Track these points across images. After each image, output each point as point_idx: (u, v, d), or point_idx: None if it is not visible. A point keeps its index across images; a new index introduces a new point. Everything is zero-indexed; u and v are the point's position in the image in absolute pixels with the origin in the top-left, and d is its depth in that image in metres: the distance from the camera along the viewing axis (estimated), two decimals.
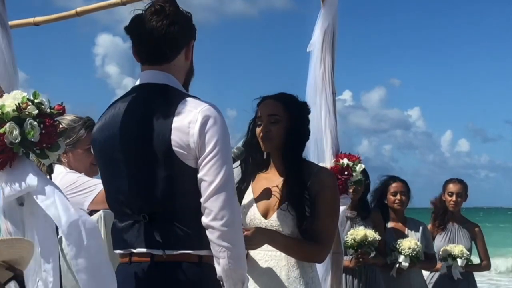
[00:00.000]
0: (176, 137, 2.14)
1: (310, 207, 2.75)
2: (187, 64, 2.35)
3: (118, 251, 2.29)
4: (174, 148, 2.13)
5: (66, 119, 3.39)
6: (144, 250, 2.19)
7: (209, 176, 2.12)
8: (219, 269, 2.15)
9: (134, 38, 2.31)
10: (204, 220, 2.13)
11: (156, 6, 2.26)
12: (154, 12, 2.25)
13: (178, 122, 2.15)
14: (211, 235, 2.12)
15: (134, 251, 2.22)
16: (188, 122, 2.14)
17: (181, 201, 2.18)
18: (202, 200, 2.13)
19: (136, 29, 2.28)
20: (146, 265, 2.19)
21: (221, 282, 2.19)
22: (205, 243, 2.15)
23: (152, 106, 2.21)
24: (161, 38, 2.24)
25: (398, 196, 5.22)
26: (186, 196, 2.17)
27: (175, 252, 2.17)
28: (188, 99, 2.21)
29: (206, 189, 2.12)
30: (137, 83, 2.35)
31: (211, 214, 2.11)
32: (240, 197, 2.88)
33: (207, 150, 2.13)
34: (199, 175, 2.14)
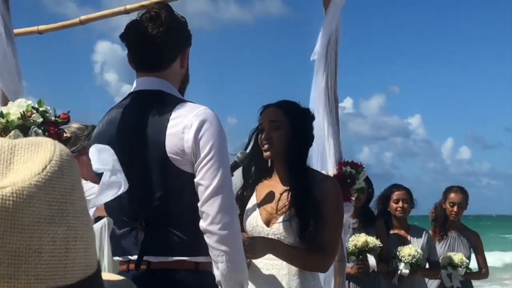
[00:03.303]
0: (170, 143, 2.11)
1: (314, 215, 2.72)
2: (182, 71, 2.33)
3: (117, 258, 2.27)
4: (169, 154, 2.11)
5: (73, 127, 3.42)
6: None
7: (205, 180, 2.09)
8: (217, 273, 2.12)
9: (129, 45, 2.28)
10: (202, 224, 2.10)
11: (151, 13, 2.23)
12: (150, 19, 2.22)
13: (172, 127, 2.12)
14: (209, 239, 2.09)
15: (132, 258, 2.19)
16: (183, 127, 2.11)
17: (178, 207, 2.15)
18: (199, 204, 2.10)
19: (132, 36, 2.26)
20: (143, 272, 2.15)
21: None
22: (202, 250, 2.12)
23: (147, 112, 2.19)
24: (157, 46, 2.22)
25: (400, 204, 5.21)
26: (183, 202, 2.14)
27: (170, 259, 2.14)
28: (183, 103, 2.19)
29: (203, 193, 2.09)
30: (133, 89, 2.32)
31: (209, 218, 2.08)
32: (243, 204, 2.87)
33: (203, 154, 2.10)
34: (196, 179, 2.11)
